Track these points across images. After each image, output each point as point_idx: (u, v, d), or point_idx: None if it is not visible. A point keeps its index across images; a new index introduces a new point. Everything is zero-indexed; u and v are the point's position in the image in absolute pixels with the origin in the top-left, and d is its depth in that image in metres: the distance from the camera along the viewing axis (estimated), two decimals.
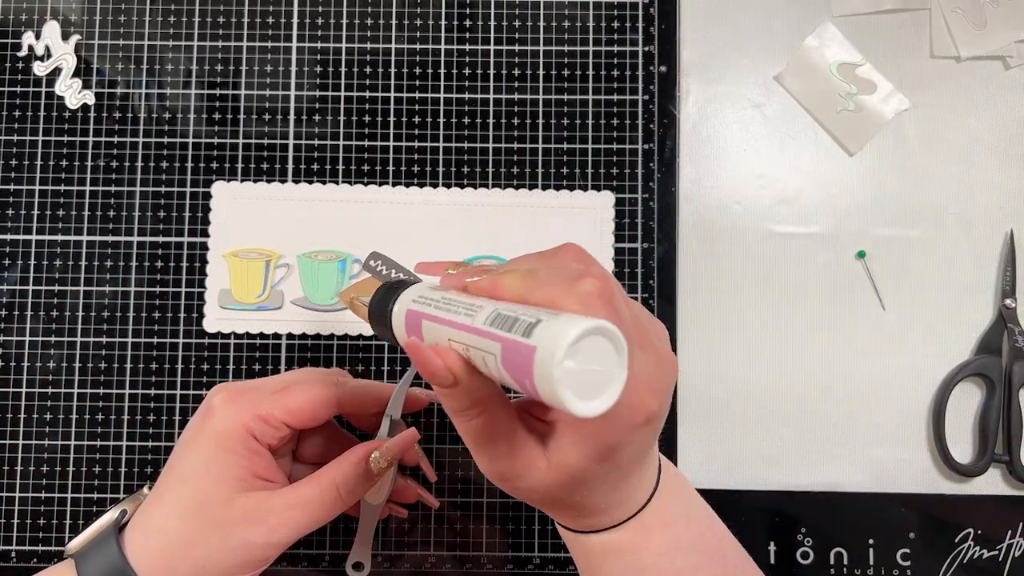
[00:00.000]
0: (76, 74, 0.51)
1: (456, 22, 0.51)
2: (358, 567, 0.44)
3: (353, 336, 0.49)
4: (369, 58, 0.51)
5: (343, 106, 0.51)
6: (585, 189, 0.50)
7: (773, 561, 0.48)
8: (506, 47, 0.51)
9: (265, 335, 0.49)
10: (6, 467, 0.48)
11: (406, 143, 0.50)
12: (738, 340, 0.50)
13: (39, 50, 0.51)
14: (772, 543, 0.48)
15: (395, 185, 0.50)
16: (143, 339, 0.49)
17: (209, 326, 0.49)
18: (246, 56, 0.51)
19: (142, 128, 0.50)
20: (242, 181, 0.50)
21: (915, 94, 0.51)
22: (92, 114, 0.50)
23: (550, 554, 0.48)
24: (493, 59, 0.51)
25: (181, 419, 0.49)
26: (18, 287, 0.49)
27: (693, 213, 0.50)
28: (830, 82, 0.51)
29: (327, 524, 0.48)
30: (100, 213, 0.50)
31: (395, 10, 0.51)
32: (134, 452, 0.48)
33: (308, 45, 0.51)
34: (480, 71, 0.51)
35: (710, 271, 0.50)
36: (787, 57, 0.51)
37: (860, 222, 0.50)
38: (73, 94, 0.50)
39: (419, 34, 0.51)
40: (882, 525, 0.48)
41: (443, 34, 0.51)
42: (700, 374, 0.49)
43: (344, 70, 0.51)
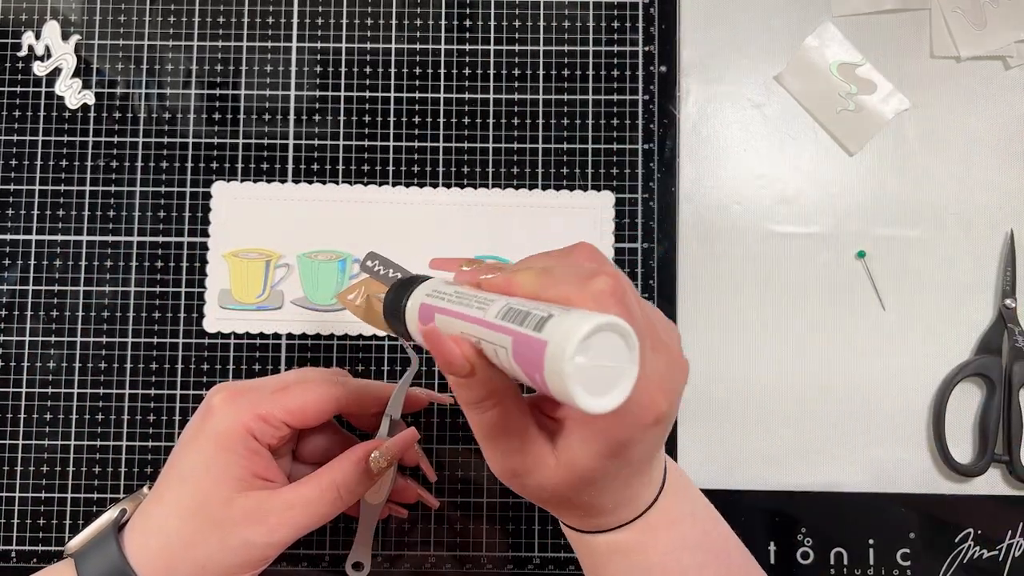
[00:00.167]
0: (76, 74, 0.51)
1: (456, 22, 0.51)
2: (358, 567, 0.44)
3: (353, 336, 0.49)
4: (369, 58, 0.51)
5: (343, 106, 0.51)
6: (585, 189, 0.50)
7: (773, 561, 0.48)
8: (506, 47, 0.51)
9: (265, 335, 0.49)
10: (6, 467, 0.48)
11: (406, 143, 0.50)
12: (738, 340, 0.50)
13: (39, 50, 0.51)
14: (772, 543, 0.48)
15: (395, 185, 0.50)
16: (143, 339, 0.49)
17: (209, 326, 0.49)
18: (246, 56, 0.51)
19: (142, 128, 0.50)
20: (242, 181, 0.50)
21: (915, 94, 0.51)
22: (92, 114, 0.50)
23: (550, 554, 0.48)
24: (493, 59, 0.51)
25: (181, 419, 0.49)
26: (18, 287, 0.49)
27: (693, 213, 0.50)
28: (830, 82, 0.51)
29: (327, 524, 0.48)
30: (100, 213, 0.50)
31: (395, 10, 0.51)
32: (134, 452, 0.48)
33: (308, 45, 0.51)
34: (480, 71, 0.51)
35: (710, 271, 0.50)
36: (787, 57, 0.51)
37: (860, 222, 0.50)
38: (73, 94, 0.50)
39: (419, 34, 0.51)
40: (882, 525, 0.48)
41: (443, 34, 0.51)
42: (700, 374, 0.49)
43: (344, 70, 0.51)
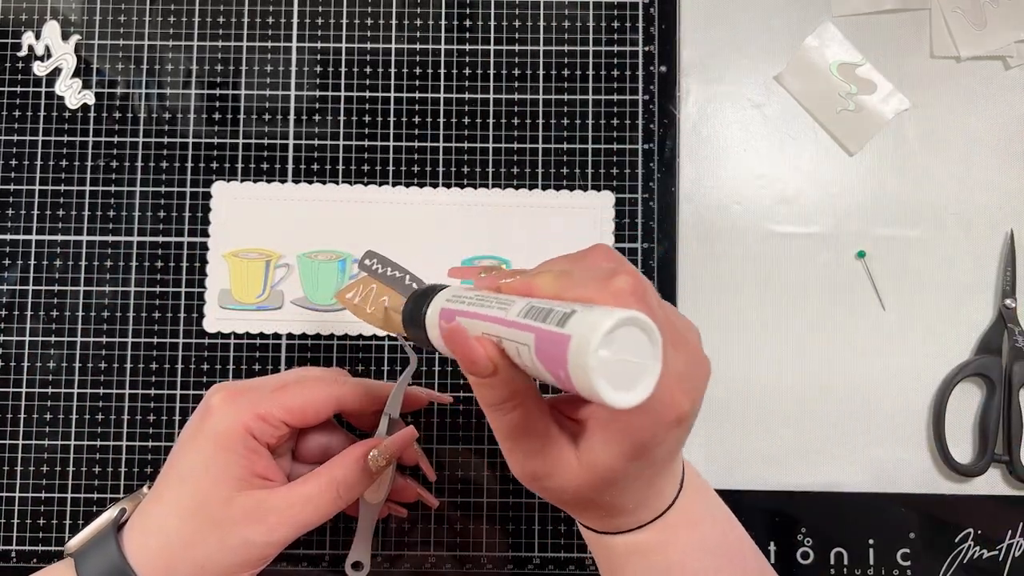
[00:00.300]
0: (76, 74, 0.51)
1: (456, 22, 0.51)
2: (357, 567, 0.44)
3: (353, 336, 0.49)
4: (369, 58, 0.51)
5: (343, 106, 0.51)
6: (585, 189, 0.50)
7: (773, 561, 0.48)
8: (506, 47, 0.51)
9: (265, 335, 0.49)
10: (6, 467, 0.48)
11: (406, 143, 0.50)
12: (738, 340, 0.50)
13: (39, 50, 0.51)
14: (772, 543, 0.48)
15: (395, 185, 0.50)
16: (143, 339, 0.49)
17: (209, 326, 0.49)
18: (246, 56, 0.51)
19: (142, 128, 0.50)
20: (242, 181, 0.50)
21: (915, 94, 0.51)
22: (92, 114, 0.50)
23: (550, 554, 0.48)
24: (493, 59, 0.51)
25: (181, 419, 0.49)
26: (18, 287, 0.49)
27: (693, 213, 0.50)
28: (830, 82, 0.51)
29: (328, 524, 0.48)
30: (100, 213, 0.50)
31: (395, 10, 0.51)
32: (134, 452, 0.48)
33: (308, 45, 0.51)
34: (480, 71, 0.51)
35: (710, 271, 0.50)
36: (787, 57, 0.51)
37: (860, 222, 0.50)
38: (73, 94, 0.50)
39: (419, 34, 0.51)
40: (882, 525, 0.48)
41: (443, 34, 0.51)
42: None
43: (344, 70, 0.51)
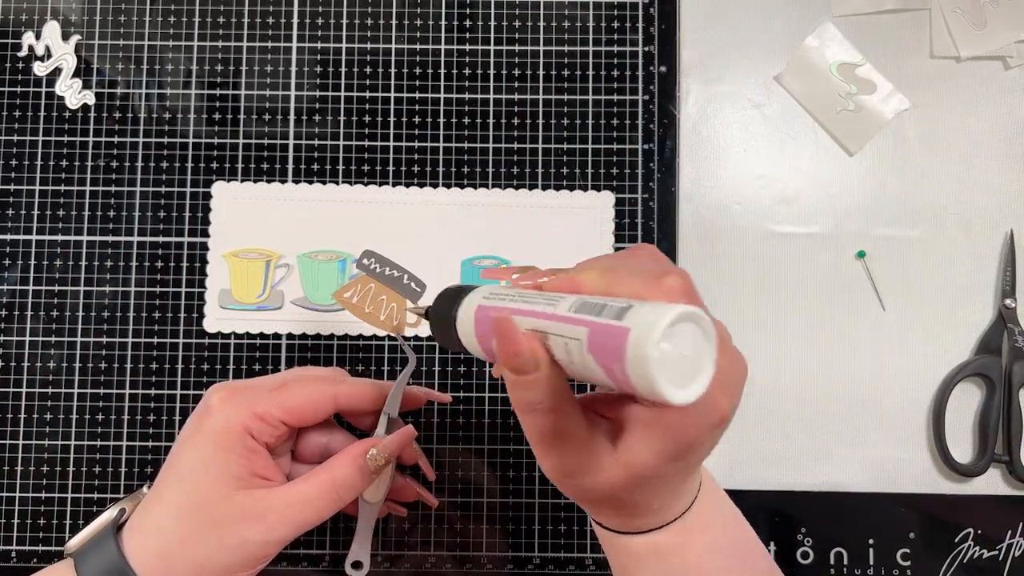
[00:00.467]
0: (76, 74, 0.51)
1: (456, 22, 0.51)
2: (357, 566, 0.43)
3: (353, 336, 0.49)
4: (369, 58, 0.51)
5: (343, 106, 0.51)
6: (585, 189, 0.50)
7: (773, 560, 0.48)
8: (506, 47, 0.51)
9: (265, 335, 0.49)
10: (6, 467, 0.48)
11: (406, 143, 0.50)
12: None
13: (39, 50, 0.51)
14: (772, 543, 0.48)
15: (395, 185, 0.50)
16: (143, 339, 0.49)
17: (209, 326, 0.49)
18: (246, 56, 0.51)
19: (142, 128, 0.50)
20: (242, 181, 0.50)
21: (915, 94, 0.51)
22: (92, 114, 0.50)
23: (550, 554, 0.48)
24: (493, 59, 0.51)
25: (181, 419, 0.49)
26: (18, 287, 0.49)
27: (693, 213, 0.50)
28: (830, 82, 0.51)
29: (327, 524, 0.48)
30: (100, 213, 0.50)
31: (395, 10, 0.51)
32: (134, 452, 0.48)
33: (308, 45, 0.51)
34: (480, 71, 0.51)
35: (710, 271, 0.50)
36: (787, 57, 0.51)
37: (860, 222, 0.50)
38: (73, 94, 0.50)
39: (419, 34, 0.51)
40: (882, 525, 0.48)
41: (443, 34, 0.51)
42: None
43: (344, 70, 0.51)
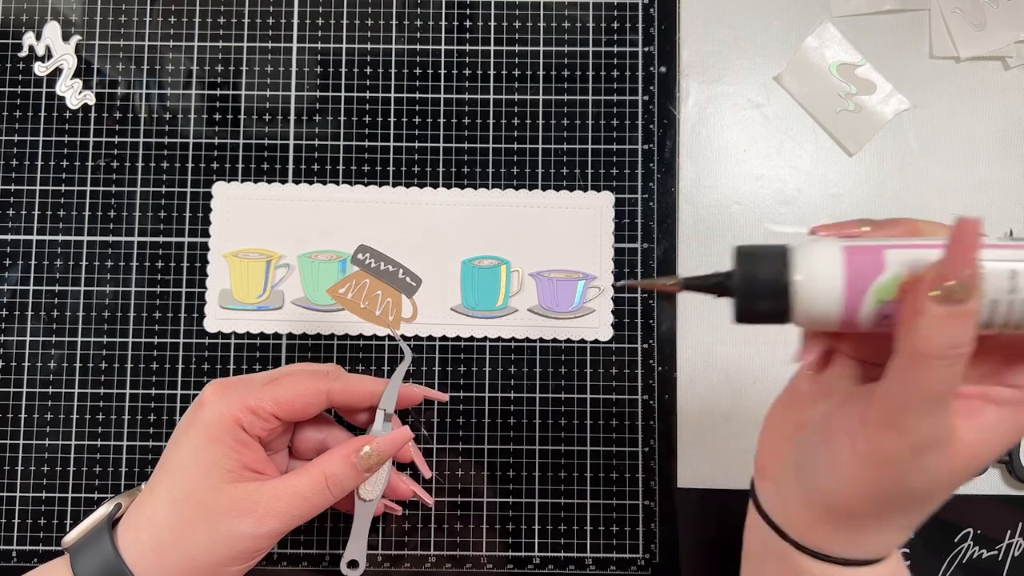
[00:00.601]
0: (77, 74, 0.51)
1: (456, 23, 0.51)
2: (353, 565, 0.43)
3: (353, 336, 0.49)
4: (369, 59, 0.51)
5: (343, 106, 0.51)
6: (585, 189, 0.50)
7: None
8: (506, 48, 0.51)
9: (266, 335, 0.49)
10: (6, 467, 0.48)
11: (406, 143, 0.50)
12: (738, 340, 0.50)
13: (40, 51, 0.51)
14: None
15: (395, 185, 0.50)
16: (143, 339, 0.49)
17: (210, 326, 0.49)
18: (246, 57, 0.51)
19: (143, 128, 0.50)
20: (242, 181, 0.50)
21: (915, 94, 0.51)
22: (93, 114, 0.50)
23: (550, 554, 0.48)
24: (493, 60, 0.51)
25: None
26: (19, 287, 0.49)
27: (693, 213, 0.50)
28: (830, 82, 0.51)
29: (328, 523, 0.48)
30: (101, 213, 0.50)
31: (395, 11, 0.51)
32: (134, 452, 0.48)
33: (308, 46, 0.51)
34: (480, 71, 0.51)
35: (710, 271, 0.50)
36: (787, 58, 0.51)
37: None
38: (74, 94, 0.51)
39: (419, 35, 0.51)
40: None
41: (443, 35, 0.51)
42: (699, 374, 0.49)
43: (344, 71, 0.51)
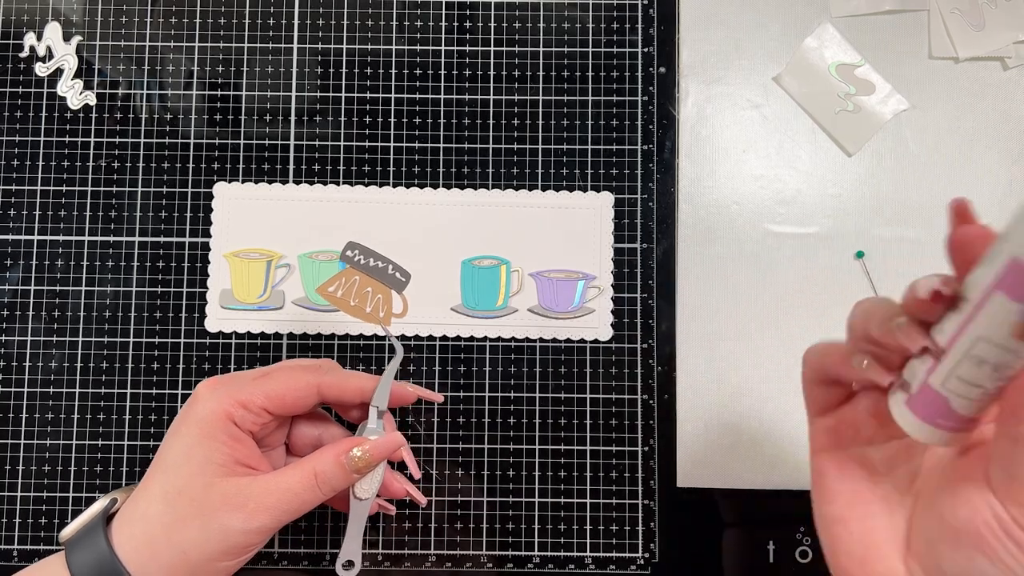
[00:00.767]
0: (78, 75, 0.51)
1: (456, 24, 0.51)
2: (349, 566, 0.42)
3: (354, 336, 0.49)
4: (370, 59, 0.51)
5: (344, 107, 0.51)
6: (585, 190, 0.50)
7: (772, 560, 0.48)
8: (506, 48, 0.51)
9: (266, 335, 0.49)
10: (7, 467, 0.48)
11: (406, 144, 0.51)
12: (737, 340, 0.50)
13: (41, 51, 0.51)
14: (771, 542, 0.48)
15: (396, 186, 0.50)
16: (144, 339, 0.49)
17: (210, 326, 0.49)
18: (247, 57, 0.51)
19: (143, 129, 0.51)
20: (243, 182, 0.50)
21: (914, 95, 0.51)
22: (94, 115, 0.51)
23: (550, 553, 0.48)
24: (493, 60, 0.51)
25: None
26: (19, 287, 0.49)
27: (692, 214, 0.51)
28: (829, 83, 0.51)
29: (329, 523, 0.48)
30: (102, 213, 0.50)
31: (395, 12, 0.51)
32: (135, 452, 0.49)
33: (309, 46, 0.51)
34: (480, 72, 0.51)
35: (709, 271, 0.50)
36: (786, 58, 0.51)
37: (859, 222, 0.50)
38: (75, 95, 0.51)
39: (419, 35, 0.51)
40: None
41: (443, 36, 0.51)
42: (699, 374, 0.49)
43: (345, 71, 0.51)
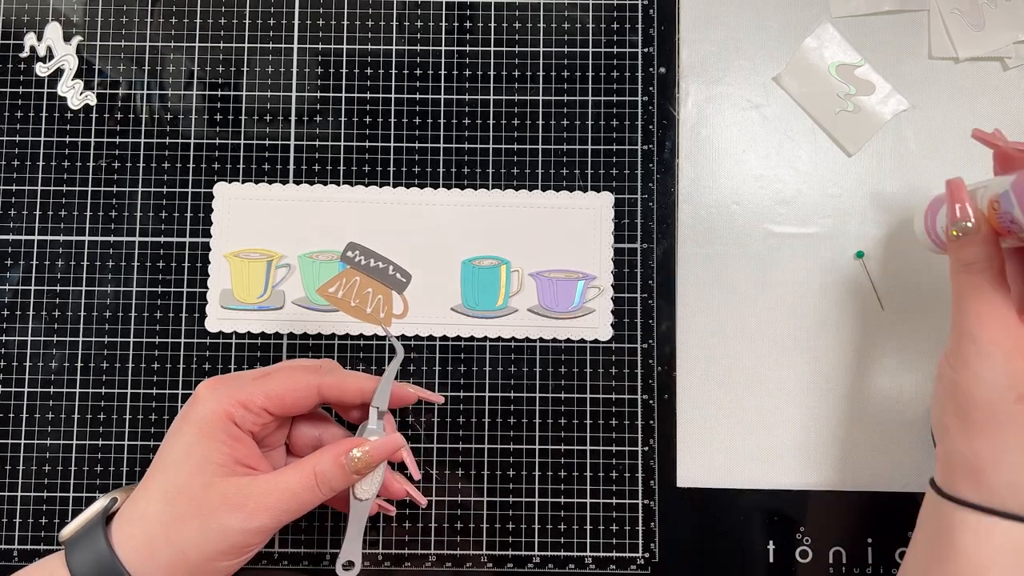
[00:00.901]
0: (78, 75, 0.51)
1: (456, 24, 0.51)
2: (349, 566, 0.42)
3: (354, 336, 0.49)
4: (370, 59, 0.51)
5: (344, 107, 0.51)
6: (585, 190, 0.50)
7: (772, 560, 0.48)
8: (506, 48, 0.51)
9: (267, 335, 0.49)
10: (7, 467, 0.48)
11: (407, 144, 0.51)
12: (737, 340, 0.50)
13: (41, 51, 0.51)
14: (771, 542, 0.48)
15: (396, 186, 0.50)
16: (144, 339, 0.49)
17: (211, 326, 0.49)
18: (247, 57, 0.51)
19: (144, 129, 0.51)
20: (243, 182, 0.50)
21: (913, 95, 0.51)
22: (94, 115, 0.51)
23: (550, 553, 0.48)
24: (493, 60, 0.51)
25: None
26: (20, 287, 0.49)
27: (692, 214, 0.51)
28: (829, 83, 0.51)
29: (329, 523, 0.48)
30: (102, 213, 0.50)
31: (395, 12, 0.51)
32: (135, 452, 0.49)
33: (309, 47, 0.51)
34: (480, 72, 0.51)
35: (709, 271, 0.50)
36: (786, 58, 0.51)
37: (859, 222, 0.50)
38: (75, 95, 0.51)
39: (420, 36, 0.51)
40: (881, 525, 0.48)
41: (443, 36, 0.51)
42: (699, 374, 0.49)
43: (345, 71, 0.51)
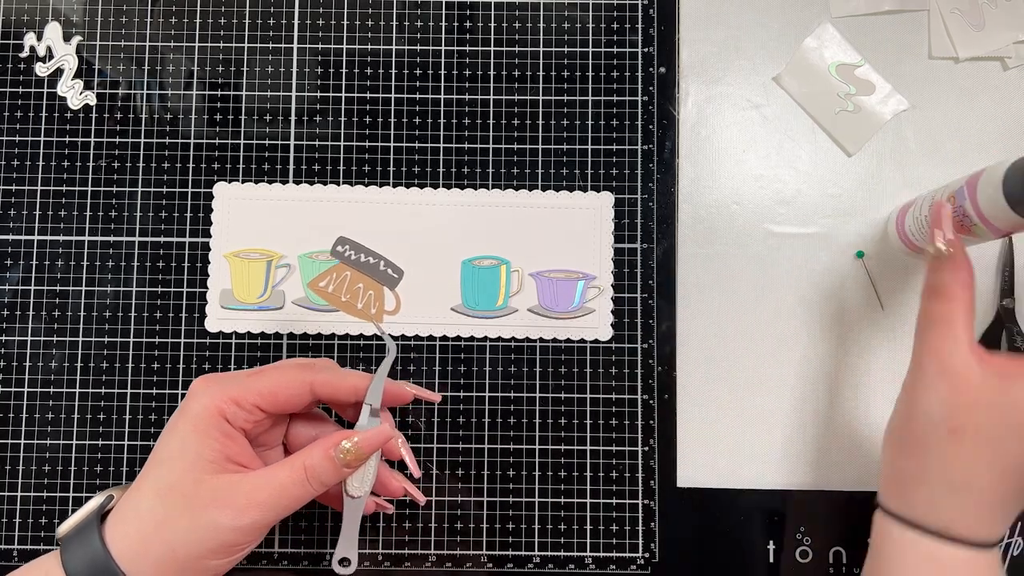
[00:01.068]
0: (78, 75, 0.51)
1: (456, 24, 0.51)
2: (345, 563, 0.42)
3: (354, 336, 0.49)
4: (370, 59, 0.51)
5: (344, 107, 0.51)
6: (585, 190, 0.50)
7: (772, 560, 0.48)
8: (506, 48, 0.51)
9: (267, 335, 0.49)
10: (7, 467, 0.48)
11: (406, 144, 0.51)
12: (737, 340, 0.50)
13: (41, 51, 0.51)
14: (771, 542, 0.48)
15: (395, 186, 0.50)
16: (144, 339, 0.49)
17: (211, 326, 0.49)
18: (247, 57, 0.51)
19: (144, 129, 0.51)
20: (243, 182, 0.50)
21: (913, 95, 0.51)
22: (94, 115, 0.51)
23: (550, 553, 0.48)
24: (493, 60, 0.51)
25: None
26: (20, 287, 0.49)
27: (692, 214, 0.51)
28: (829, 83, 0.51)
29: (329, 523, 0.48)
30: (102, 213, 0.50)
31: (396, 12, 0.51)
32: (135, 452, 0.49)
33: (309, 47, 0.51)
34: (480, 72, 0.51)
35: (709, 271, 0.50)
36: (786, 58, 0.51)
37: (859, 222, 0.50)
38: (75, 95, 0.51)
39: (420, 36, 0.51)
40: None
41: (443, 36, 0.51)
42: (700, 374, 0.49)
43: (345, 71, 0.51)
